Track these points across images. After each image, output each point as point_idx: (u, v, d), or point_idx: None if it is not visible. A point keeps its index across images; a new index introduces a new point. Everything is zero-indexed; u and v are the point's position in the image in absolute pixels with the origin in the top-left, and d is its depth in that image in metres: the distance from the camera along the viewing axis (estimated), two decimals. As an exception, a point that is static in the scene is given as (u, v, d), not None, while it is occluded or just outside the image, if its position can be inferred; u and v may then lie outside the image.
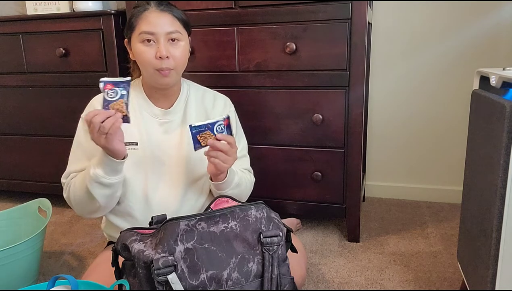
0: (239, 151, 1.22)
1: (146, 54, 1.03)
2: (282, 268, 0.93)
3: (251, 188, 1.24)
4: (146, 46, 1.03)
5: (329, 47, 1.41)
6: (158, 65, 1.03)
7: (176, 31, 1.04)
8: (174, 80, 1.08)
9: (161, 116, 1.13)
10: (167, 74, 1.05)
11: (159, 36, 1.02)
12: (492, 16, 1.70)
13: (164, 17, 1.03)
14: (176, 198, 1.12)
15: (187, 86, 1.19)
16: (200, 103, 1.19)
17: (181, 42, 1.07)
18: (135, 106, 1.12)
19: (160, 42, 1.02)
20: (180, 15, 1.07)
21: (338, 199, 1.54)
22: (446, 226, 1.67)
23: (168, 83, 1.08)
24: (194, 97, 1.19)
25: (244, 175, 1.19)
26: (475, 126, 1.01)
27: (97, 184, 1.00)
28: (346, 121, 1.46)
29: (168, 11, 1.05)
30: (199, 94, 1.20)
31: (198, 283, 0.83)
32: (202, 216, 0.87)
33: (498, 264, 0.82)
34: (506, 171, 0.78)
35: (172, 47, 1.04)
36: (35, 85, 1.81)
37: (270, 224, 0.93)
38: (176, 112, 1.14)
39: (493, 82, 0.90)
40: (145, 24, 1.03)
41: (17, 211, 1.44)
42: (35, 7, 1.86)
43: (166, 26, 1.03)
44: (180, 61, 1.07)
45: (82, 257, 1.52)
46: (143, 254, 0.83)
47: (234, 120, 1.23)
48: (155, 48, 1.03)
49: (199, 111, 1.18)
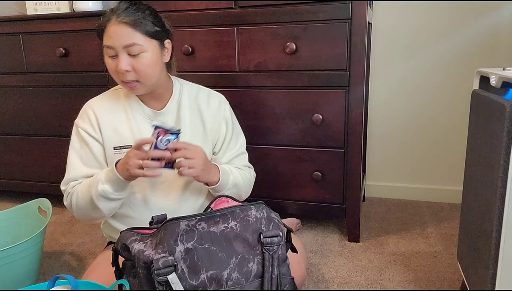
0: (237, 149, 1.21)
1: (109, 67, 1.03)
2: (282, 268, 0.92)
3: (251, 184, 1.23)
4: (111, 59, 1.02)
5: (329, 47, 1.41)
6: (121, 78, 1.02)
7: (133, 44, 0.99)
8: (144, 91, 1.06)
9: (154, 117, 1.12)
10: (133, 87, 1.03)
11: (118, 50, 0.99)
12: (492, 16, 1.70)
13: (122, 30, 0.98)
14: (174, 199, 1.12)
15: (179, 85, 1.17)
16: (194, 103, 1.17)
17: (144, 54, 1.01)
18: (126, 108, 1.11)
19: (119, 55, 1.00)
20: (144, 27, 1.00)
21: (338, 199, 1.54)
22: (446, 226, 1.67)
23: (139, 93, 1.07)
24: (187, 97, 1.16)
25: (241, 173, 1.18)
26: (475, 126, 1.01)
27: (104, 199, 1.01)
28: (346, 121, 1.46)
29: (127, 24, 0.98)
30: (193, 93, 1.18)
31: (198, 283, 0.83)
32: (202, 216, 0.87)
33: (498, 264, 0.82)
34: (506, 170, 0.78)
35: (134, 60, 1.00)
36: (35, 85, 1.81)
37: (270, 224, 0.92)
38: (169, 113, 1.13)
39: (493, 82, 0.90)
40: (106, 38, 1.01)
41: (17, 211, 1.44)
42: (35, 7, 1.86)
43: (123, 40, 0.98)
44: (144, 74, 1.02)
45: (82, 257, 1.52)
46: (143, 254, 0.83)
47: (230, 118, 1.21)
48: (117, 62, 1.00)
49: (193, 111, 1.16)
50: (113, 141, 1.10)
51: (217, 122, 1.18)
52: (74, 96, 1.76)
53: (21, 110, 1.86)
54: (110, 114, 1.11)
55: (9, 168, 1.96)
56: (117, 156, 1.08)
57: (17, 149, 1.91)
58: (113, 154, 1.09)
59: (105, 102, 1.13)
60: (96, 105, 1.12)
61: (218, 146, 1.19)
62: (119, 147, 1.10)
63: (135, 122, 1.11)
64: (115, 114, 1.11)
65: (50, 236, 1.69)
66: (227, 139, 1.20)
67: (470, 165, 1.04)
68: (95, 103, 1.12)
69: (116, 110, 1.12)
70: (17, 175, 1.95)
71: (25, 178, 1.94)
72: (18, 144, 1.91)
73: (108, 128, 1.10)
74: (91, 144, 1.09)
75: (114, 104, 1.12)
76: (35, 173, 1.92)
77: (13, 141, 1.91)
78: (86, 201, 1.03)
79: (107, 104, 1.12)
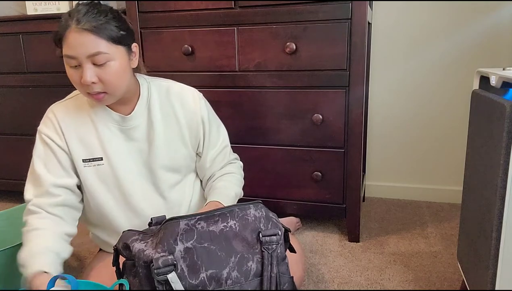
0: (219, 143, 1.15)
1: (73, 78, 0.93)
2: (281, 267, 0.92)
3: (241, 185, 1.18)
4: (73, 69, 0.92)
5: (329, 47, 1.41)
6: (87, 89, 0.93)
7: (98, 53, 0.89)
8: (113, 100, 0.98)
9: (122, 122, 1.03)
10: (100, 98, 0.94)
11: (81, 60, 0.89)
12: (492, 16, 1.70)
13: (84, 38, 0.88)
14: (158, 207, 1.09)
15: (147, 85, 1.07)
16: (166, 102, 1.08)
17: (111, 62, 0.92)
18: (92, 116, 1.03)
19: (83, 66, 0.90)
20: (108, 32, 0.90)
21: (338, 199, 1.54)
22: (446, 226, 1.67)
23: (107, 104, 0.99)
24: (157, 97, 1.07)
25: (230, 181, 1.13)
26: (475, 126, 1.01)
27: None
28: (346, 121, 1.46)
29: (89, 30, 0.88)
30: (162, 92, 1.08)
31: (198, 282, 0.83)
32: (201, 216, 0.87)
33: (498, 264, 0.82)
34: (506, 170, 0.78)
35: (99, 69, 0.91)
36: (35, 85, 1.81)
37: (269, 223, 0.93)
38: (138, 117, 1.04)
39: (493, 82, 0.90)
40: (66, 47, 0.90)
41: (17, 211, 1.44)
42: (35, 7, 1.86)
43: (86, 49, 0.88)
44: (112, 84, 0.93)
45: (82, 257, 1.52)
46: (144, 253, 0.83)
47: (207, 116, 1.12)
48: (81, 72, 0.91)
49: (165, 111, 1.08)
50: (80, 153, 1.02)
51: (195, 125, 1.10)
52: (74, 96, 1.76)
53: (21, 110, 1.86)
54: (75, 124, 1.02)
55: (9, 168, 1.95)
56: (88, 169, 1.03)
57: (17, 149, 1.91)
58: (83, 167, 1.03)
59: (70, 109, 1.03)
60: (59, 113, 1.03)
61: (200, 146, 1.13)
62: (89, 159, 1.03)
63: (102, 131, 1.03)
64: (80, 124, 1.02)
65: (50, 236, 1.68)
66: (207, 137, 1.13)
67: (470, 165, 1.04)
68: (58, 111, 1.03)
69: (81, 120, 1.03)
70: (16, 175, 1.95)
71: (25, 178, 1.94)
72: (18, 144, 1.91)
73: (73, 139, 1.02)
74: (58, 152, 1.01)
75: (78, 112, 1.03)
76: (35, 173, 1.91)
77: (13, 141, 1.91)
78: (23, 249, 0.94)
79: (72, 112, 1.03)
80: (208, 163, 1.14)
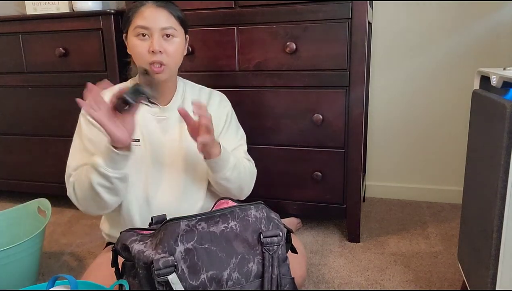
0: (237, 140, 1.22)
1: (139, 48, 1.04)
2: (282, 268, 0.92)
3: (252, 177, 1.21)
4: (140, 40, 1.04)
5: (329, 47, 1.41)
6: (151, 59, 1.03)
7: (170, 27, 1.05)
8: (167, 76, 1.08)
9: (159, 113, 1.12)
10: (159, 71, 1.05)
11: (153, 31, 1.03)
12: (492, 16, 1.70)
13: (159, 13, 1.04)
14: (175, 197, 1.11)
15: (183, 84, 1.19)
16: (198, 99, 1.18)
17: (176, 39, 1.07)
18: None
19: (154, 36, 1.04)
20: (177, 12, 1.08)
21: (338, 199, 1.54)
22: (447, 226, 1.67)
23: (163, 78, 1.07)
24: (191, 95, 1.19)
25: (241, 160, 1.16)
26: (475, 126, 1.01)
27: (96, 173, 0.96)
28: (346, 121, 1.46)
29: (165, 7, 1.06)
30: (195, 91, 1.21)
31: (199, 283, 0.83)
32: (202, 216, 0.87)
33: (498, 264, 0.82)
34: (507, 171, 0.78)
35: (166, 42, 1.05)
36: (35, 85, 1.81)
37: (270, 224, 0.92)
38: (173, 109, 1.14)
39: (494, 82, 0.90)
40: (140, 19, 1.04)
41: (16, 211, 1.44)
42: (34, 6, 1.86)
43: (161, 22, 1.04)
44: (173, 57, 1.07)
45: (81, 257, 1.52)
46: (143, 254, 0.82)
47: (231, 114, 1.23)
48: (149, 43, 1.04)
49: None
50: None
51: (218, 118, 1.19)
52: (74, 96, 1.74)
53: (21, 110, 1.85)
54: None
55: (9, 168, 1.95)
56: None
57: (16, 149, 1.91)
58: None
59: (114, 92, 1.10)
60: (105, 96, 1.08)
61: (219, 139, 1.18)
62: None
63: (141, 116, 1.10)
64: None
65: (49, 236, 1.68)
66: (224, 130, 1.20)
67: (470, 165, 1.04)
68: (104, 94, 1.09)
69: None
70: (16, 175, 1.95)
71: (25, 178, 1.94)
72: (18, 144, 1.90)
73: None
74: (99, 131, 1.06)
75: None
76: (34, 173, 1.91)
77: (13, 141, 1.91)
78: (86, 183, 0.99)
79: None
80: None
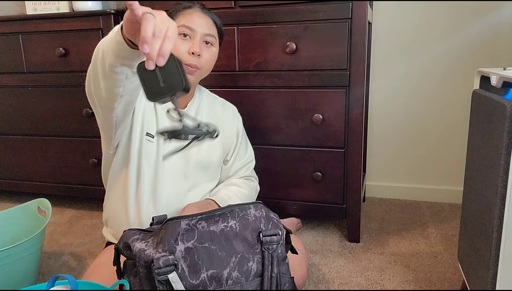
0: (246, 159, 1.29)
1: (179, 47, 1.06)
2: (282, 267, 0.92)
3: (255, 195, 1.29)
4: (181, 39, 1.07)
5: (329, 47, 1.41)
6: (188, 60, 1.06)
7: (212, 35, 1.10)
8: (197, 78, 1.12)
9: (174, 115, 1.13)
10: (192, 72, 1.08)
11: (197, 34, 1.08)
12: (492, 16, 1.70)
13: (205, 19, 1.10)
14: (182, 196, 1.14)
15: (199, 91, 1.23)
16: (211, 108, 1.23)
17: (213, 48, 1.12)
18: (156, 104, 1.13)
19: (195, 39, 1.07)
20: (219, 24, 1.15)
21: (338, 199, 1.54)
22: (447, 226, 1.67)
23: (192, 80, 1.10)
24: (206, 102, 1.22)
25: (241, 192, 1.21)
26: (475, 126, 1.01)
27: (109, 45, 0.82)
28: (346, 121, 1.46)
29: (210, 16, 1.12)
30: (210, 99, 1.25)
31: (199, 282, 0.83)
32: (202, 216, 0.87)
33: (498, 264, 0.82)
34: (507, 171, 0.78)
35: (204, 48, 1.09)
36: (34, 85, 1.81)
37: (269, 223, 0.92)
38: (189, 113, 1.16)
39: (494, 82, 0.90)
40: (187, 20, 1.08)
41: (16, 211, 1.44)
42: (34, 6, 1.86)
43: (205, 28, 1.09)
44: (207, 64, 1.11)
45: (81, 257, 1.51)
46: (144, 253, 0.82)
47: (242, 131, 1.29)
48: (189, 44, 1.07)
49: (210, 115, 1.21)
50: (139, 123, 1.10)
51: (231, 132, 1.26)
52: (74, 96, 1.76)
53: (21, 110, 1.85)
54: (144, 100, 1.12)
55: (9, 168, 1.95)
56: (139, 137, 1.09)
57: (17, 149, 1.91)
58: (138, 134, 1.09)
59: None
60: None
61: (229, 155, 1.26)
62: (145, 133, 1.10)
63: (161, 116, 1.12)
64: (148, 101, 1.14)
65: (49, 236, 1.68)
66: (237, 149, 1.27)
67: (470, 165, 1.04)
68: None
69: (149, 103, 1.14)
70: (16, 175, 1.95)
71: (25, 178, 1.94)
72: (18, 144, 1.90)
73: (140, 109, 1.10)
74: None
75: None
76: (34, 173, 1.91)
77: (13, 141, 1.91)
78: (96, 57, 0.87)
79: None
80: (231, 172, 1.27)
